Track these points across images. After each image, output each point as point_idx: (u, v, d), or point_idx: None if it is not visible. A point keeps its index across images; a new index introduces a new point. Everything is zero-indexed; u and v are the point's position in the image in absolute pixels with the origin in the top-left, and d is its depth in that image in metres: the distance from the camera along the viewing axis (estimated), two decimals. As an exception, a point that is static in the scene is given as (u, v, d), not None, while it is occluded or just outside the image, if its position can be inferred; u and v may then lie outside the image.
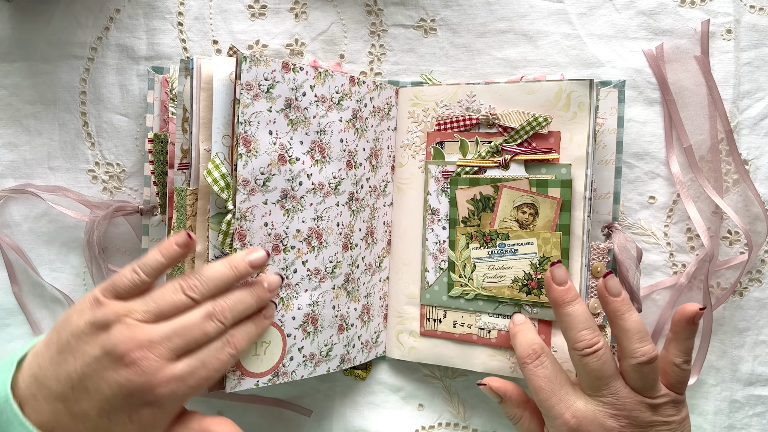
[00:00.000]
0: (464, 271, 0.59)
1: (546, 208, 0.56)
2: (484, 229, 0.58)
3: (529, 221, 0.57)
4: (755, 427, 0.65)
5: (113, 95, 0.65)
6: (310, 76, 0.55)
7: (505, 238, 0.57)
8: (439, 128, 0.61)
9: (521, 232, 0.57)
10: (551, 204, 0.56)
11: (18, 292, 0.66)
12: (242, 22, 0.65)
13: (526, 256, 0.57)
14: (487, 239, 0.58)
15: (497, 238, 0.58)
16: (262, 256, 0.50)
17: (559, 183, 0.56)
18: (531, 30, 0.65)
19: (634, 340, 0.49)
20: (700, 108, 0.63)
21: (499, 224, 0.58)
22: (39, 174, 0.66)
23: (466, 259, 0.59)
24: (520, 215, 0.57)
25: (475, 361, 0.60)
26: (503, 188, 0.57)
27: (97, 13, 0.65)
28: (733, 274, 0.64)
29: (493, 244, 0.58)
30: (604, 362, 0.49)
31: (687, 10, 0.64)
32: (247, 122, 0.51)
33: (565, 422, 0.50)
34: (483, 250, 0.58)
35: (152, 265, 0.48)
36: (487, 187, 0.58)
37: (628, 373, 0.50)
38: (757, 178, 0.64)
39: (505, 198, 0.57)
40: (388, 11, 0.65)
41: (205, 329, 0.47)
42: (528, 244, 0.57)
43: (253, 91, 0.51)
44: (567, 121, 0.56)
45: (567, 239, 0.56)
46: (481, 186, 0.58)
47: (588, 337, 0.49)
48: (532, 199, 0.57)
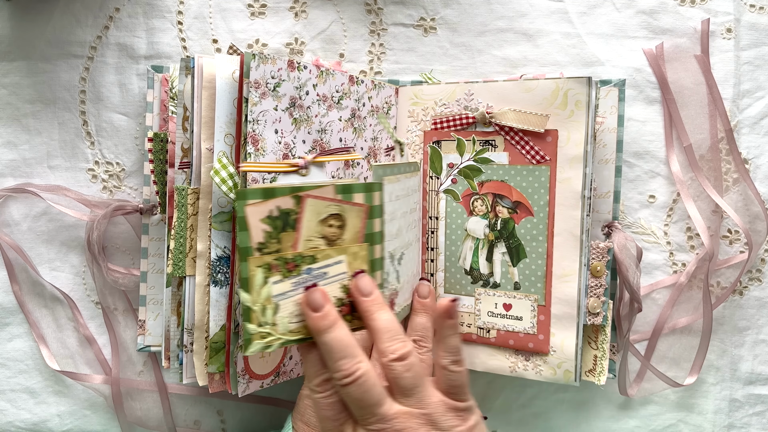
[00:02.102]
0: (264, 316, 0.44)
1: (353, 217, 0.47)
2: (287, 255, 0.45)
3: (336, 236, 0.47)
4: (755, 426, 0.65)
5: (113, 94, 0.65)
6: (313, 75, 0.55)
7: (312, 261, 0.46)
8: (435, 127, 0.61)
9: (329, 251, 0.46)
10: (358, 212, 0.47)
11: (18, 291, 0.66)
12: (242, 21, 0.65)
13: (336, 278, 0.47)
14: (290, 267, 0.45)
15: (302, 263, 0.45)
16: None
17: (362, 187, 0.48)
18: (531, 29, 0.64)
19: (385, 339, 0.46)
20: (700, 107, 0.63)
21: (303, 245, 0.46)
22: (38, 173, 0.66)
23: (265, 300, 0.44)
24: (326, 230, 0.46)
25: (475, 361, 0.60)
26: (306, 198, 0.45)
27: (96, 12, 0.65)
28: (733, 273, 0.64)
29: (298, 272, 0.45)
30: (366, 390, 0.44)
31: (687, 9, 0.64)
32: (255, 121, 0.51)
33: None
34: (286, 282, 0.45)
35: None
36: (286, 199, 0.45)
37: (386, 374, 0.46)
38: (757, 177, 0.64)
39: (310, 210, 0.46)
40: (387, 10, 0.65)
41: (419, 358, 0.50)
42: (337, 264, 0.47)
43: (260, 89, 0.51)
44: (564, 119, 0.56)
45: (373, 250, 0.49)
46: (279, 198, 0.44)
47: (346, 366, 0.44)
48: (339, 208, 0.47)
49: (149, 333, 0.63)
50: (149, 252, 0.62)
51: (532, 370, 0.58)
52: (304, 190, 0.45)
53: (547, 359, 0.58)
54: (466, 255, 0.60)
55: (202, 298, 0.54)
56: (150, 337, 0.63)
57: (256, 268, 0.44)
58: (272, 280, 0.44)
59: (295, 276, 0.45)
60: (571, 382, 0.57)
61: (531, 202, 0.58)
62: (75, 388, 0.66)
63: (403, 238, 0.56)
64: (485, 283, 0.60)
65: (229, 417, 0.67)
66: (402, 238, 0.56)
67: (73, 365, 0.66)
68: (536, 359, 0.58)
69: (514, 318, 0.59)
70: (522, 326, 0.58)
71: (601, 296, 0.58)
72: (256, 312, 0.44)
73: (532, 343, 0.58)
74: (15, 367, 0.66)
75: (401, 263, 0.56)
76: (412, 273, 0.59)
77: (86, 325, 0.66)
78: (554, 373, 0.57)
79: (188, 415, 0.67)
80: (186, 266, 0.54)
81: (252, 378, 0.53)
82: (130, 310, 0.65)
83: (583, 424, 0.66)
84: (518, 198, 0.58)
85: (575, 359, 0.57)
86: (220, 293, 0.53)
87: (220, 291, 0.53)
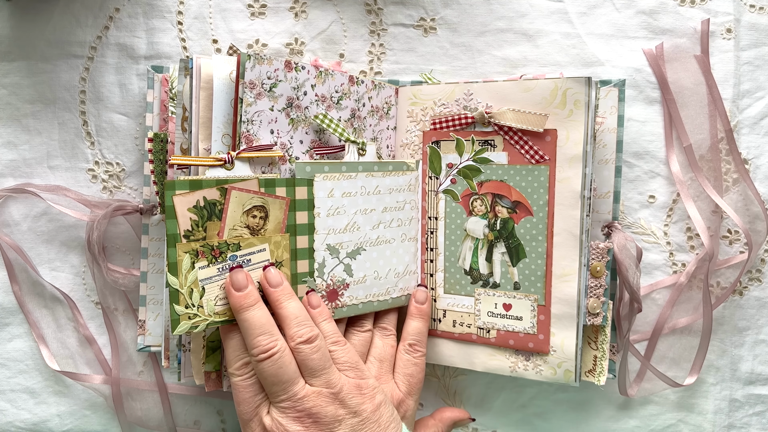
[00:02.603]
0: (191, 298, 0.49)
1: (276, 209, 0.52)
2: (212, 242, 0.49)
3: (259, 226, 0.51)
4: (755, 426, 0.65)
5: (113, 94, 0.65)
6: (311, 75, 0.55)
7: (236, 249, 0.50)
8: (434, 127, 0.61)
9: (253, 239, 0.51)
10: (281, 204, 0.52)
11: (18, 291, 0.66)
12: (242, 21, 0.65)
13: (259, 264, 0.51)
14: (215, 253, 0.49)
15: (227, 250, 0.50)
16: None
17: (284, 182, 0.52)
18: (531, 29, 0.64)
19: (293, 325, 0.49)
20: (700, 107, 0.63)
21: (228, 234, 0.50)
22: (38, 173, 0.66)
23: (192, 283, 0.49)
24: (250, 220, 0.51)
25: (475, 361, 0.60)
26: (231, 190, 0.50)
27: (96, 12, 0.65)
28: (732, 274, 0.64)
29: (223, 258, 0.50)
30: (281, 366, 0.48)
31: (687, 9, 0.64)
32: (249, 121, 0.51)
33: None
34: (212, 267, 0.49)
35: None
36: (212, 191, 0.49)
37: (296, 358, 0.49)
38: (756, 177, 0.64)
39: (234, 202, 0.50)
40: (387, 10, 0.65)
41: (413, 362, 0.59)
42: (260, 252, 0.51)
43: (256, 89, 0.51)
44: (563, 119, 0.56)
45: (295, 240, 0.53)
46: (205, 189, 0.49)
47: (264, 342, 0.48)
48: (262, 200, 0.51)
49: (149, 333, 0.63)
50: (149, 252, 0.62)
51: (533, 370, 0.58)
52: (230, 182, 0.50)
53: (547, 359, 0.58)
54: (466, 255, 0.60)
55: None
56: (150, 337, 0.63)
57: (184, 253, 0.48)
58: (198, 265, 0.49)
59: (221, 262, 0.50)
60: (571, 382, 0.57)
61: (530, 201, 0.58)
62: (75, 388, 0.66)
63: (363, 233, 0.57)
64: (485, 283, 0.60)
65: (229, 417, 0.67)
66: (359, 233, 0.57)
67: (73, 365, 0.66)
68: (536, 359, 0.58)
69: (514, 318, 0.59)
70: (522, 326, 0.58)
71: (601, 296, 0.58)
72: (183, 294, 0.48)
73: (532, 343, 0.58)
74: (15, 367, 0.66)
75: (356, 258, 0.57)
76: (394, 271, 0.59)
77: (86, 325, 0.66)
78: (554, 372, 0.57)
79: (188, 415, 0.67)
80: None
81: None
82: (130, 310, 0.65)
83: (582, 424, 0.66)
84: (517, 198, 0.58)
85: (575, 359, 0.57)
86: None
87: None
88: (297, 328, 0.49)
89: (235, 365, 0.50)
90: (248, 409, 0.49)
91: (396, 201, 0.59)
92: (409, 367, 0.57)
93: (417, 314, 0.59)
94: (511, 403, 0.66)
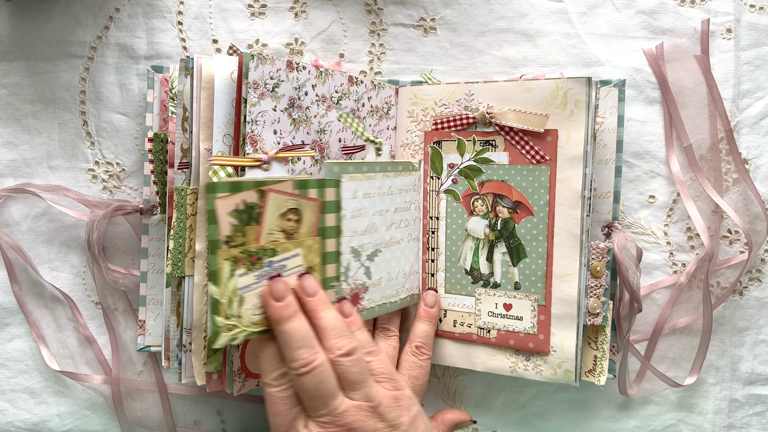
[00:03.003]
0: (231, 308, 0.45)
1: (308, 211, 0.50)
2: (251, 248, 0.46)
3: (294, 229, 0.49)
4: (755, 427, 0.65)
5: (113, 94, 0.65)
6: (312, 75, 0.55)
7: (273, 254, 0.47)
8: (436, 127, 0.61)
9: (288, 244, 0.48)
10: (313, 206, 0.50)
11: (18, 291, 0.66)
12: (242, 21, 0.65)
13: (293, 271, 0.49)
14: (253, 260, 0.46)
15: (264, 256, 0.47)
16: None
17: (316, 183, 0.50)
18: (531, 29, 0.64)
19: (331, 336, 0.47)
20: (700, 107, 0.63)
21: (265, 238, 0.47)
22: (39, 173, 0.66)
23: (232, 293, 0.45)
24: (285, 224, 0.48)
25: (475, 361, 0.60)
26: (269, 192, 0.47)
27: (96, 12, 0.65)
28: (733, 274, 0.64)
29: (260, 265, 0.47)
30: (322, 381, 0.46)
31: (687, 9, 0.64)
32: (254, 121, 0.51)
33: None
34: (250, 275, 0.46)
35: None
36: (251, 193, 0.46)
37: (335, 370, 0.47)
38: (757, 177, 0.64)
39: (272, 204, 0.47)
40: (387, 10, 0.65)
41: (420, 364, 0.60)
42: (294, 257, 0.49)
43: (259, 89, 0.51)
44: (564, 119, 0.56)
45: (325, 244, 0.51)
46: (245, 192, 0.46)
47: (305, 355, 0.46)
48: (296, 203, 0.49)
49: (149, 333, 0.63)
50: (149, 252, 0.62)
51: (533, 370, 0.58)
52: (267, 184, 0.47)
53: (547, 359, 0.58)
54: (467, 255, 0.60)
55: (201, 298, 0.54)
56: (150, 337, 0.63)
57: (224, 260, 0.44)
58: (238, 273, 0.45)
59: (258, 269, 0.46)
60: (572, 382, 0.57)
61: (531, 201, 0.58)
62: (75, 388, 0.66)
63: (379, 235, 0.57)
64: (485, 283, 0.60)
65: (229, 417, 0.67)
66: (376, 235, 0.56)
67: (73, 365, 0.66)
68: (536, 359, 0.58)
69: (515, 318, 0.59)
70: (522, 326, 0.58)
71: (601, 296, 0.58)
72: (223, 305, 0.44)
73: (533, 343, 0.58)
74: (15, 367, 0.66)
75: (374, 260, 0.56)
76: (402, 272, 0.59)
77: (86, 325, 0.66)
78: (554, 372, 0.57)
79: (188, 415, 0.67)
80: (185, 266, 0.54)
81: (248, 377, 0.53)
82: (130, 310, 0.65)
83: (582, 424, 0.66)
84: (518, 198, 0.58)
85: (575, 359, 0.57)
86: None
87: (219, 291, 0.53)
88: (336, 340, 0.47)
89: (272, 375, 0.47)
90: (284, 421, 0.47)
91: (404, 201, 0.59)
92: (415, 369, 0.57)
93: (425, 317, 0.60)
94: (511, 403, 0.66)
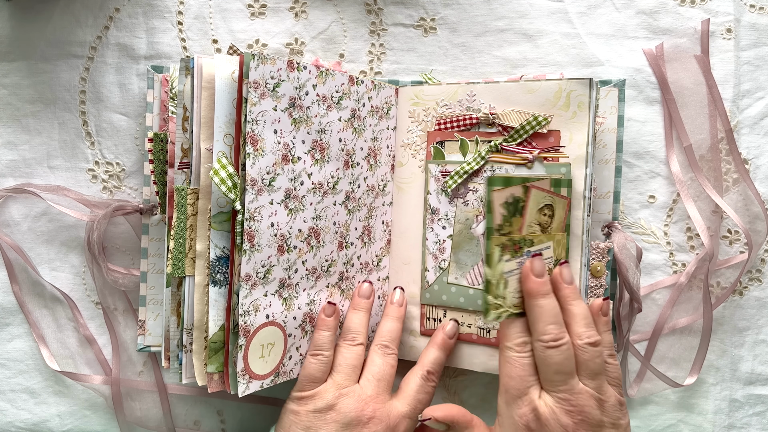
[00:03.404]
0: (499, 289, 0.51)
1: (560, 208, 0.54)
2: (515, 237, 0.51)
3: (548, 224, 0.54)
4: (755, 427, 0.65)
5: (113, 94, 0.65)
6: (313, 75, 0.55)
7: (530, 245, 0.52)
8: (439, 128, 0.61)
9: (542, 236, 0.53)
10: (563, 204, 0.54)
11: (18, 291, 0.66)
12: (242, 21, 0.65)
13: (546, 261, 0.53)
14: (516, 248, 0.51)
15: (524, 245, 0.52)
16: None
17: (567, 183, 0.55)
18: (531, 29, 0.65)
19: (581, 324, 0.50)
20: (700, 107, 0.63)
21: (526, 229, 0.52)
22: (39, 173, 0.66)
23: (500, 276, 0.50)
24: (541, 218, 0.53)
25: (475, 361, 0.60)
26: (532, 189, 0.52)
27: (96, 12, 0.65)
28: (733, 274, 0.64)
29: (521, 253, 0.52)
30: (567, 357, 0.49)
31: (687, 9, 0.64)
32: (254, 121, 0.51)
33: (522, 415, 0.50)
34: (513, 261, 0.51)
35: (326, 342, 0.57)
36: (518, 188, 0.52)
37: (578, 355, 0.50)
38: (757, 177, 0.64)
39: (533, 200, 0.52)
40: (387, 10, 0.65)
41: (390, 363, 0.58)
42: (547, 249, 0.53)
43: (260, 89, 0.51)
44: (567, 120, 0.56)
45: (569, 239, 0.55)
46: (514, 186, 0.51)
47: (555, 331, 0.49)
48: (551, 199, 0.54)
49: (149, 333, 0.63)
50: (149, 252, 0.62)
51: None
52: (530, 181, 0.52)
53: None
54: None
55: (202, 298, 0.54)
56: (150, 338, 0.63)
57: (495, 246, 0.50)
58: (504, 258, 0.51)
59: (519, 257, 0.52)
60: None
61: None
62: (75, 388, 0.66)
63: None
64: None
65: (229, 417, 0.67)
66: None
67: (73, 365, 0.66)
68: None
69: None
70: None
71: (601, 296, 0.58)
72: (493, 285, 0.50)
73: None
74: (15, 367, 0.66)
75: None
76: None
77: (86, 325, 0.66)
78: None
79: (188, 416, 0.67)
80: (185, 266, 0.54)
81: (252, 378, 0.53)
82: (130, 310, 0.65)
83: (583, 424, 0.66)
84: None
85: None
86: (219, 293, 0.53)
87: (219, 291, 0.53)
88: (586, 329, 0.50)
89: (516, 341, 0.51)
90: (519, 386, 0.50)
91: None
92: (421, 393, 0.57)
93: (442, 346, 0.60)
94: (512, 403, 0.66)
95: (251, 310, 0.52)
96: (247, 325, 0.52)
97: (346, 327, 0.59)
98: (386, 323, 0.60)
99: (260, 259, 0.52)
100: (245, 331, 0.52)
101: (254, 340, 0.53)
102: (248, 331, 0.52)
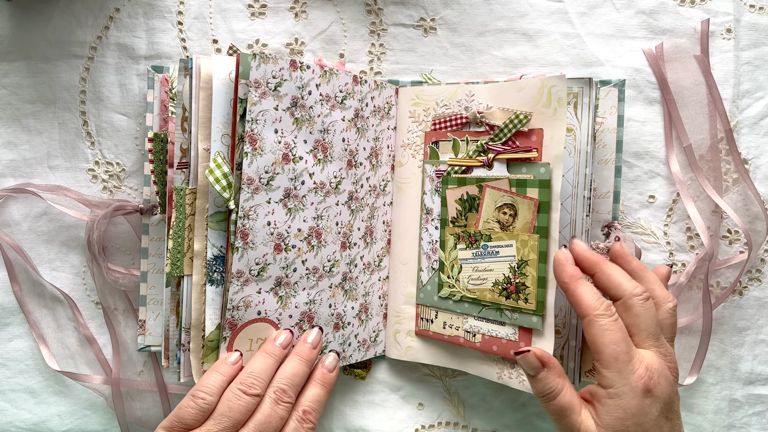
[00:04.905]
0: (452, 271, 0.59)
1: (524, 209, 0.55)
2: (470, 230, 0.58)
3: (509, 222, 0.56)
4: (755, 426, 0.65)
5: (113, 94, 0.65)
6: (316, 74, 0.55)
7: (488, 240, 0.57)
8: (435, 128, 0.61)
9: (502, 234, 0.56)
10: (529, 205, 0.55)
11: (18, 291, 0.66)
12: (242, 21, 0.65)
13: (505, 258, 0.56)
14: (472, 240, 0.57)
15: (481, 239, 0.57)
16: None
17: (537, 183, 0.54)
18: (531, 29, 0.65)
19: (662, 288, 0.53)
20: (699, 107, 0.63)
21: (482, 225, 0.57)
22: (39, 173, 0.66)
23: (453, 260, 0.58)
24: (501, 216, 0.56)
25: (467, 363, 0.60)
26: (486, 188, 0.57)
27: (96, 12, 0.65)
28: (732, 274, 0.64)
29: (477, 246, 0.57)
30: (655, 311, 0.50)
31: (687, 9, 0.64)
32: (254, 120, 0.51)
33: (640, 377, 0.47)
34: (468, 251, 0.58)
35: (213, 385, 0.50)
36: (473, 187, 0.57)
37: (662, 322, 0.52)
38: (756, 177, 0.64)
39: (488, 198, 0.57)
40: (387, 10, 0.65)
41: (280, 415, 0.50)
42: (508, 247, 0.56)
43: (260, 89, 0.51)
44: (548, 118, 0.55)
45: (545, 242, 0.54)
46: (468, 186, 0.58)
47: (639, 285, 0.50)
48: (511, 199, 0.56)
49: (149, 333, 0.63)
50: (149, 252, 0.62)
51: (516, 379, 0.56)
52: (485, 181, 0.57)
53: None
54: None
55: (199, 297, 0.54)
56: (150, 337, 0.63)
57: (450, 235, 0.59)
58: (459, 247, 0.58)
59: (475, 248, 0.57)
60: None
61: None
62: (75, 388, 0.66)
63: None
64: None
65: (228, 417, 0.67)
66: None
67: (73, 365, 0.66)
68: (520, 368, 0.56)
69: (498, 323, 0.57)
70: (504, 332, 0.56)
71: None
72: (447, 266, 0.59)
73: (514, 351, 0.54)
74: (15, 367, 0.66)
75: None
76: None
77: (86, 325, 0.66)
78: None
79: (188, 415, 0.67)
80: (184, 266, 0.54)
81: None
82: (131, 310, 0.65)
83: (582, 424, 0.66)
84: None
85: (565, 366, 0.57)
86: (216, 292, 0.53)
87: (216, 290, 0.53)
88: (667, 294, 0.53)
89: (601, 308, 0.49)
90: (627, 348, 0.48)
91: None
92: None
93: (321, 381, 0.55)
94: (511, 403, 0.66)
95: (241, 306, 0.52)
96: (234, 319, 0.52)
97: (247, 369, 0.51)
98: (290, 364, 0.53)
99: (254, 256, 0.52)
100: (231, 324, 0.52)
101: (241, 334, 0.53)
102: (235, 325, 0.52)
